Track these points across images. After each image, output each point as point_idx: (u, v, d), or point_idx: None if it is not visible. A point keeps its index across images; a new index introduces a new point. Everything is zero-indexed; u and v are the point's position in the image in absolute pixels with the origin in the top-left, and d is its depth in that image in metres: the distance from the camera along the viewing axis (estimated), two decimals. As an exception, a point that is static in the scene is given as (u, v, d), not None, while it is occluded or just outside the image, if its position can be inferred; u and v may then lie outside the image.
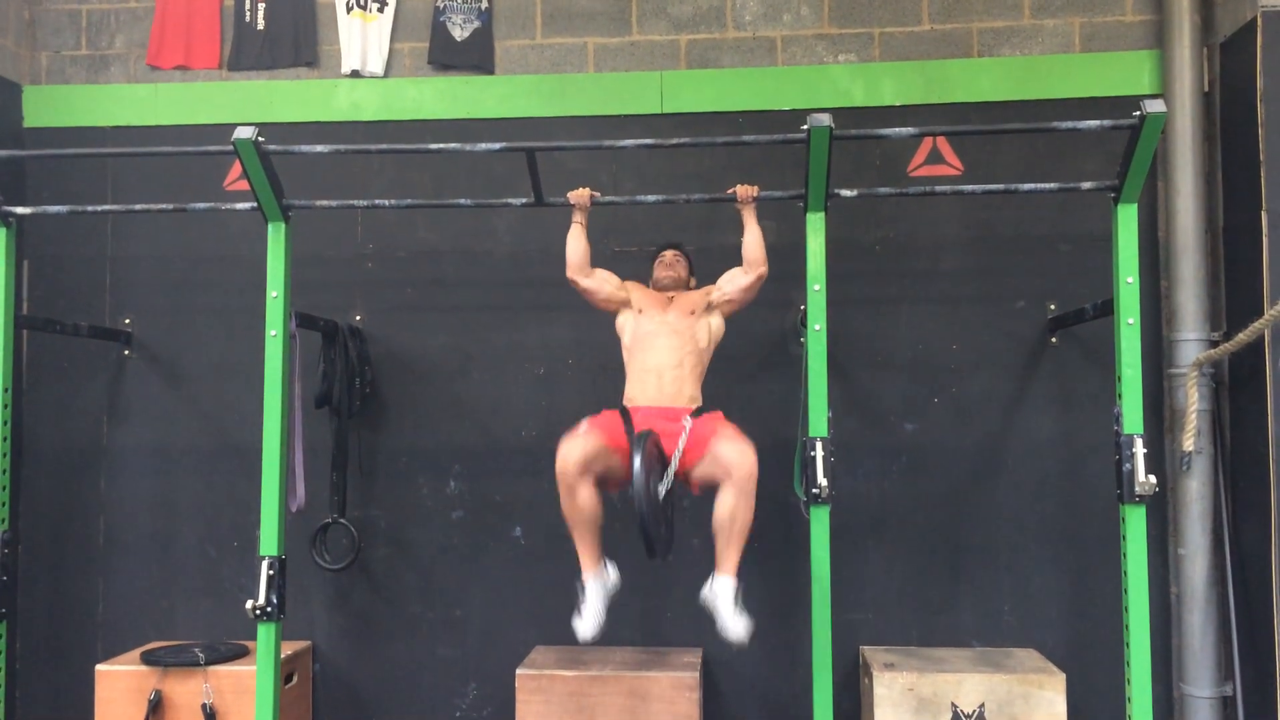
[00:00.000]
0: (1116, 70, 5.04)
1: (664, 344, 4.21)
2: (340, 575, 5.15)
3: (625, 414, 4.07)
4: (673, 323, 4.26)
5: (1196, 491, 4.75)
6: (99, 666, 4.79)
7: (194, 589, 5.26)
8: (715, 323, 4.36)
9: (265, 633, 4.13)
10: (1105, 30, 5.10)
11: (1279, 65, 4.51)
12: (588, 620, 3.78)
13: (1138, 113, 3.70)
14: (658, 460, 3.80)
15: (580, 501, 3.77)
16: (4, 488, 4.44)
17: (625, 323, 4.37)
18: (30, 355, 5.36)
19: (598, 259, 4.43)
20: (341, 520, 5.04)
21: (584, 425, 3.89)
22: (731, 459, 3.76)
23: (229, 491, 5.20)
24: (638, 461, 3.60)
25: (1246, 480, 4.67)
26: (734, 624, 3.70)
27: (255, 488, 4.22)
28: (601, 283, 4.38)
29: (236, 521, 5.19)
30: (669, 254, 4.51)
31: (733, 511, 3.77)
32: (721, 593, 3.75)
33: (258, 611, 4.07)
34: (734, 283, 4.33)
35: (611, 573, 3.92)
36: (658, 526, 3.71)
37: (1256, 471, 4.54)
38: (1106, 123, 3.89)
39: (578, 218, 4.29)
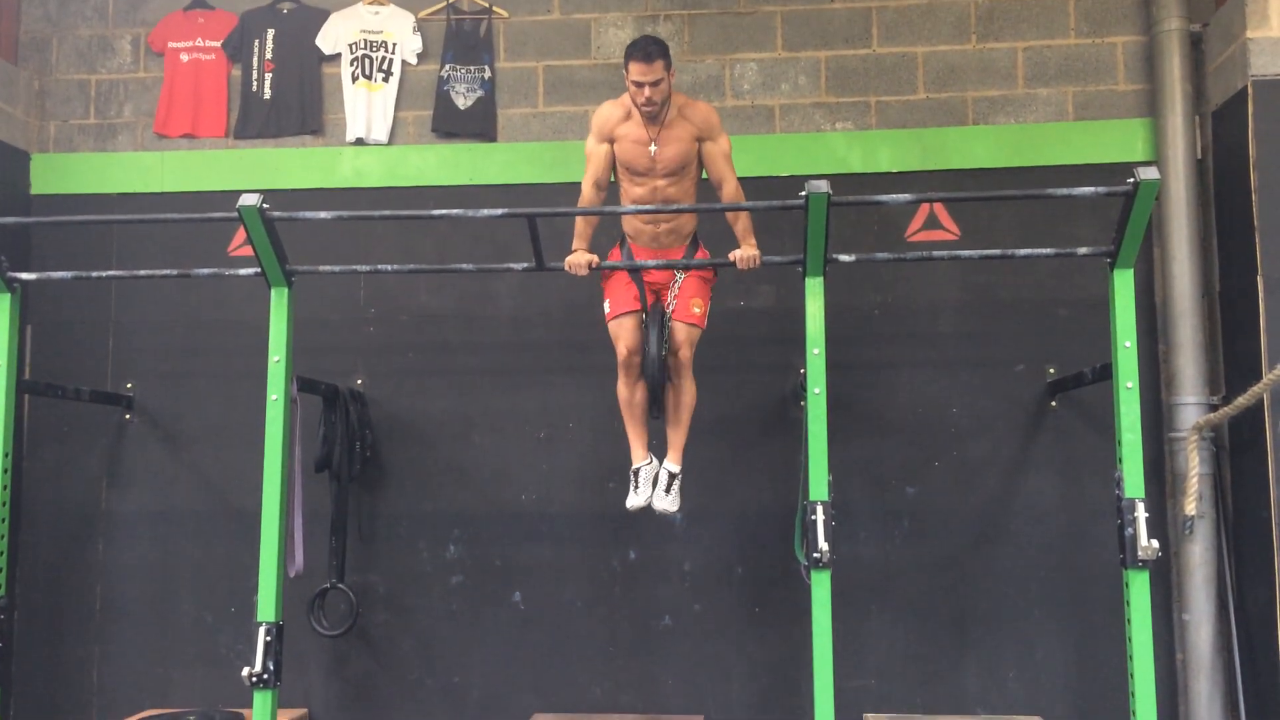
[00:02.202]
0: (1110, 138, 5.11)
1: (660, 200, 4.26)
2: (338, 641, 5.10)
3: (629, 255, 4.35)
4: (663, 165, 4.21)
5: (1200, 556, 4.73)
6: (93, 735, 4.73)
7: (190, 655, 5.21)
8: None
9: (261, 701, 4.07)
10: (1098, 99, 5.18)
11: (1271, 132, 4.58)
12: (640, 496, 4.35)
13: (1132, 179, 3.74)
14: (658, 326, 4.28)
15: (638, 389, 4.34)
16: (1, 553, 4.41)
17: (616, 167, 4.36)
18: (31, 419, 5.36)
19: (598, 311, 4.44)
20: (340, 585, 5.00)
21: (608, 305, 4.35)
22: (679, 335, 4.28)
23: (227, 556, 5.17)
24: (654, 344, 4.23)
25: (1250, 544, 4.64)
26: (662, 502, 4.34)
27: (254, 552, 4.19)
28: (594, 179, 4.31)
29: (234, 587, 5.15)
30: (637, 69, 4.09)
31: (674, 399, 4.38)
32: (663, 476, 4.36)
33: (254, 679, 4.02)
34: (715, 165, 4.29)
35: (654, 461, 4.42)
36: (660, 385, 4.33)
37: (1259, 535, 4.52)
38: (1101, 189, 3.93)
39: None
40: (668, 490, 4.33)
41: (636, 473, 4.36)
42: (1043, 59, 5.22)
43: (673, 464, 4.36)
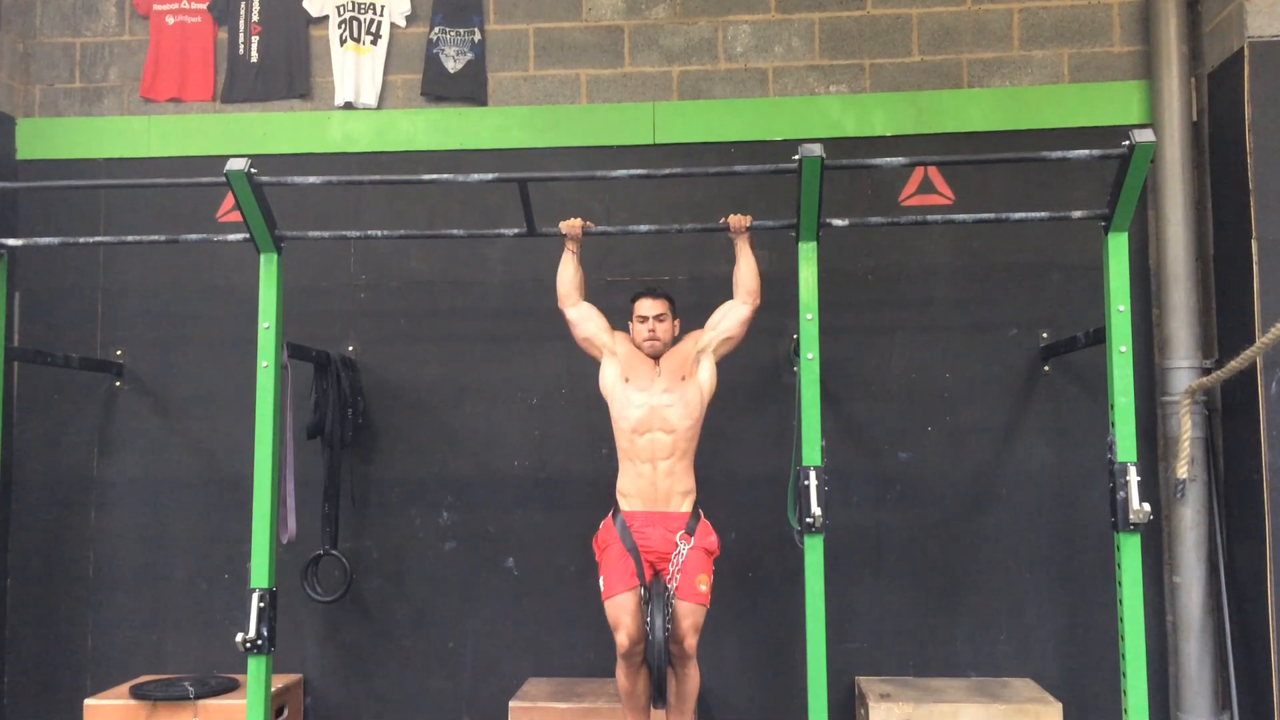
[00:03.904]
0: (1105, 100, 5.08)
1: (658, 428, 4.11)
2: (332, 607, 5.11)
3: (624, 528, 4.09)
4: (663, 401, 4.11)
5: (1191, 519, 4.75)
6: (88, 701, 4.75)
7: (184, 622, 5.22)
8: (707, 377, 4.21)
9: (256, 666, 4.08)
10: (1094, 61, 5.15)
11: (1267, 94, 4.55)
12: None
13: (1127, 142, 3.72)
14: (663, 608, 3.97)
15: (640, 677, 4.04)
16: (-7, 521, 4.41)
17: (613, 388, 4.21)
18: (20, 387, 5.33)
19: (591, 287, 4.43)
20: (333, 552, 5.01)
21: (602, 582, 4.05)
22: (684, 621, 3.98)
23: (220, 523, 5.17)
24: (658, 625, 3.92)
25: (1240, 507, 4.66)
26: None
27: (246, 519, 4.19)
28: (585, 318, 4.26)
29: (227, 553, 5.16)
30: (649, 308, 4.20)
31: (680, 686, 4.10)
32: None
33: (248, 644, 4.03)
34: (733, 315, 4.21)
35: None
36: (665, 671, 4.00)
37: (1250, 498, 4.54)
38: (1096, 152, 3.92)
39: (570, 247, 4.28)
40: None
41: None
42: (1038, 20, 5.18)
43: None
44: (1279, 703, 4.38)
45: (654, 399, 4.13)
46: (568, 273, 4.27)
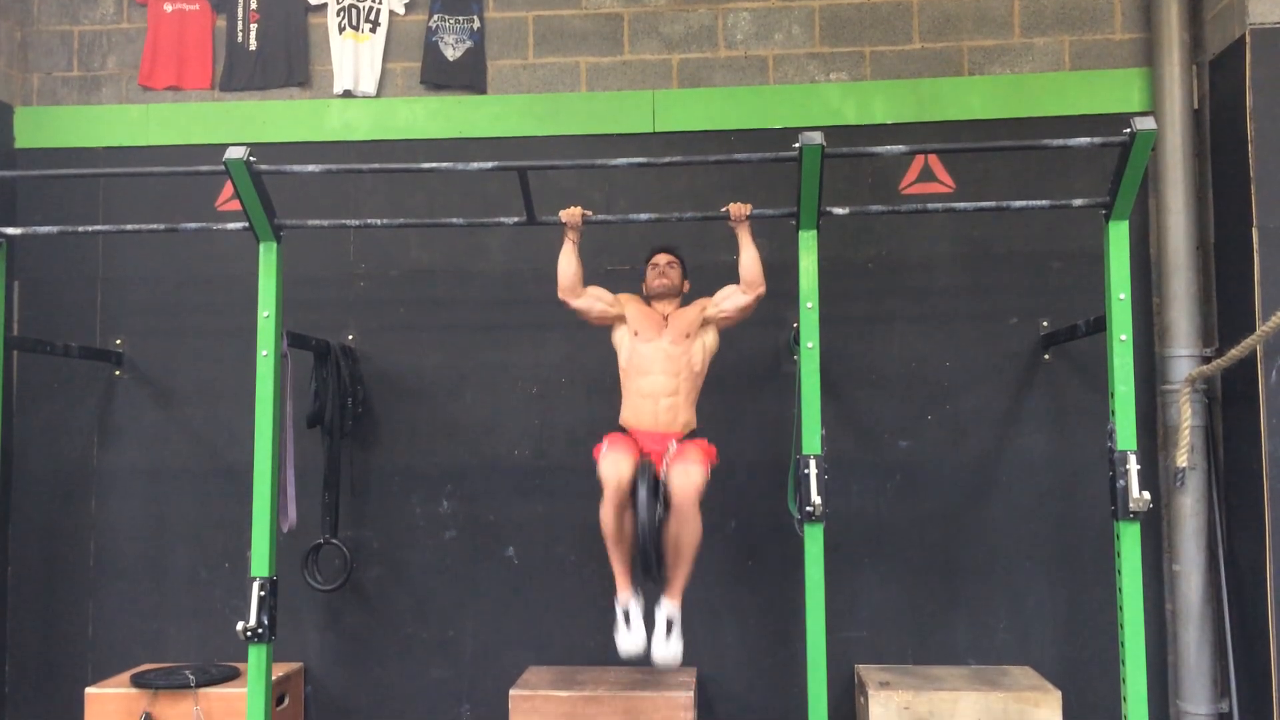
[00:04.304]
0: (1106, 88, 5.07)
1: (660, 371, 4.27)
2: (332, 596, 5.12)
3: (627, 434, 4.24)
4: (668, 350, 4.29)
5: (1191, 508, 4.75)
6: (89, 689, 4.75)
7: (185, 610, 5.23)
8: (710, 340, 4.40)
9: (256, 654, 4.09)
10: (1095, 48, 5.13)
11: (1268, 82, 4.54)
12: (635, 638, 4.00)
13: (1128, 130, 3.72)
14: (654, 489, 4.00)
15: (624, 519, 4.01)
16: (-7, 510, 4.41)
17: (621, 341, 4.40)
18: (20, 376, 5.33)
19: (590, 277, 4.43)
20: (333, 541, 5.01)
21: (607, 444, 4.11)
22: (676, 482, 3.97)
23: (220, 512, 5.18)
24: (643, 492, 3.94)
25: (1240, 496, 4.66)
26: (661, 650, 3.99)
27: (246, 508, 4.19)
28: (593, 301, 4.38)
29: (227, 542, 5.17)
30: (662, 259, 4.48)
31: (675, 537, 4.02)
32: (660, 618, 4.04)
33: (249, 633, 4.04)
34: (732, 301, 4.35)
35: (640, 598, 4.11)
36: (657, 549, 4.01)
37: (1250, 487, 4.54)
38: (1097, 140, 3.90)
39: (570, 236, 4.28)
40: (668, 635, 4.01)
41: (625, 613, 4.04)
42: (1039, 7, 5.17)
43: (671, 605, 4.04)
44: (1278, 691, 4.38)
45: (660, 349, 4.29)
46: (570, 266, 4.28)
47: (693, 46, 5.28)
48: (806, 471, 3.97)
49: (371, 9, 5.37)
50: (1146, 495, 3.78)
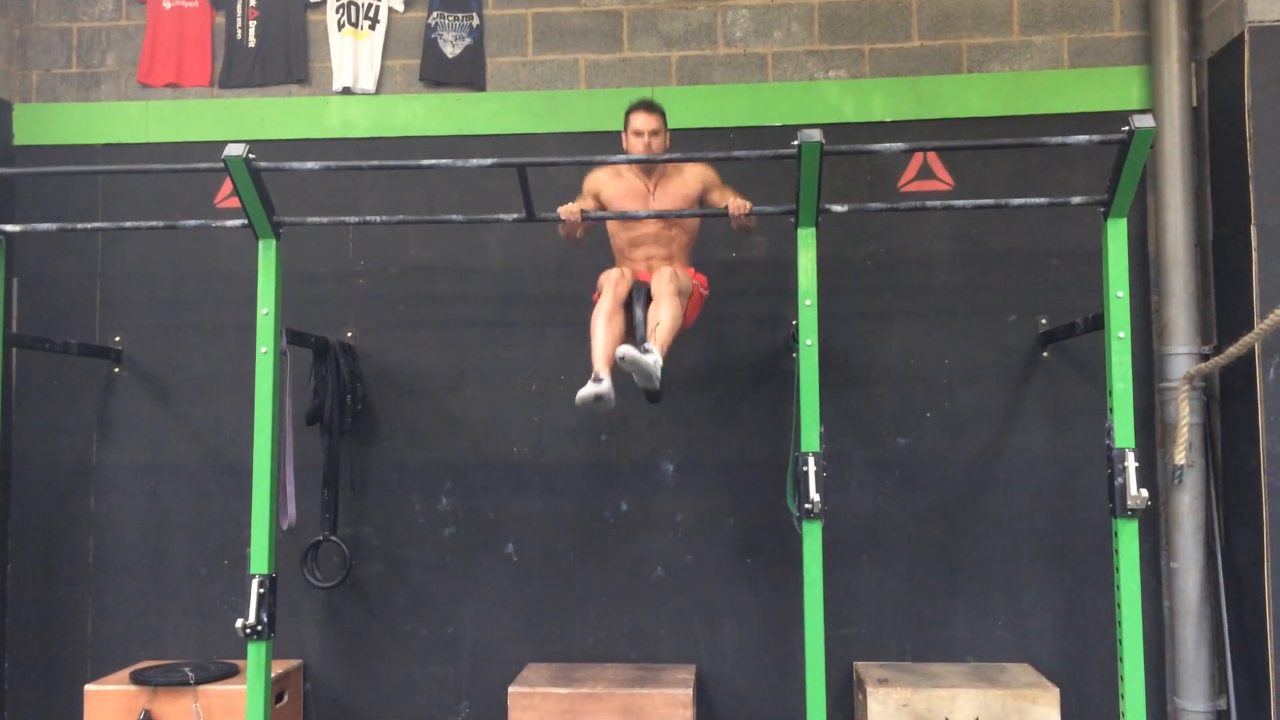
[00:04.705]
0: (1105, 86, 5.07)
1: (651, 243, 4.35)
2: (331, 593, 5.12)
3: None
4: (657, 227, 4.34)
5: (1189, 505, 4.75)
6: (88, 686, 4.76)
7: (184, 608, 5.23)
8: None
9: (255, 651, 4.09)
10: (1094, 46, 5.13)
11: (1267, 80, 4.54)
12: (600, 387, 3.99)
13: (1126, 128, 3.71)
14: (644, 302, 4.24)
15: (615, 320, 4.17)
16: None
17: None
18: (19, 373, 5.33)
19: (590, 271, 4.43)
20: (333, 538, 5.01)
21: (603, 277, 4.32)
22: (663, 280, 4.16)
23: (219, 509, 5.18)
24: (639, 312, 4.19)
25: (1238, 494, 4.67)
26: (635, 353, 3.97)
27: (246, 505, 4.20)
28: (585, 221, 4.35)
29: (227, 539, 5.17)
30: (640, 119, 4.28)
31: (657, 315, 4.14)
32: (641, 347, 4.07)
33: (248, 630, 4.04)
34: (714, 202, 4.37)
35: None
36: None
37: (1248, 485, 4.55)
38: (1095, 138, 3.90)
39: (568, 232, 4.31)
40: (646, 353, 4.02)
41: (597, 376, 4.04)
42: (1038, 5, 5.17)
43: (652, 345, 4.07)
44: (1275, 687, 4.39)
45: (647, 226, 4.34)
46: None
47: (692, 44, 5.28)
48: (805, 469, 3.97)
49: (371, 6, 5.37)
50: (1144, 493, 3.78)
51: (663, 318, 4.12)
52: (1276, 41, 4.53)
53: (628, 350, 3.92)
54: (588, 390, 3.98)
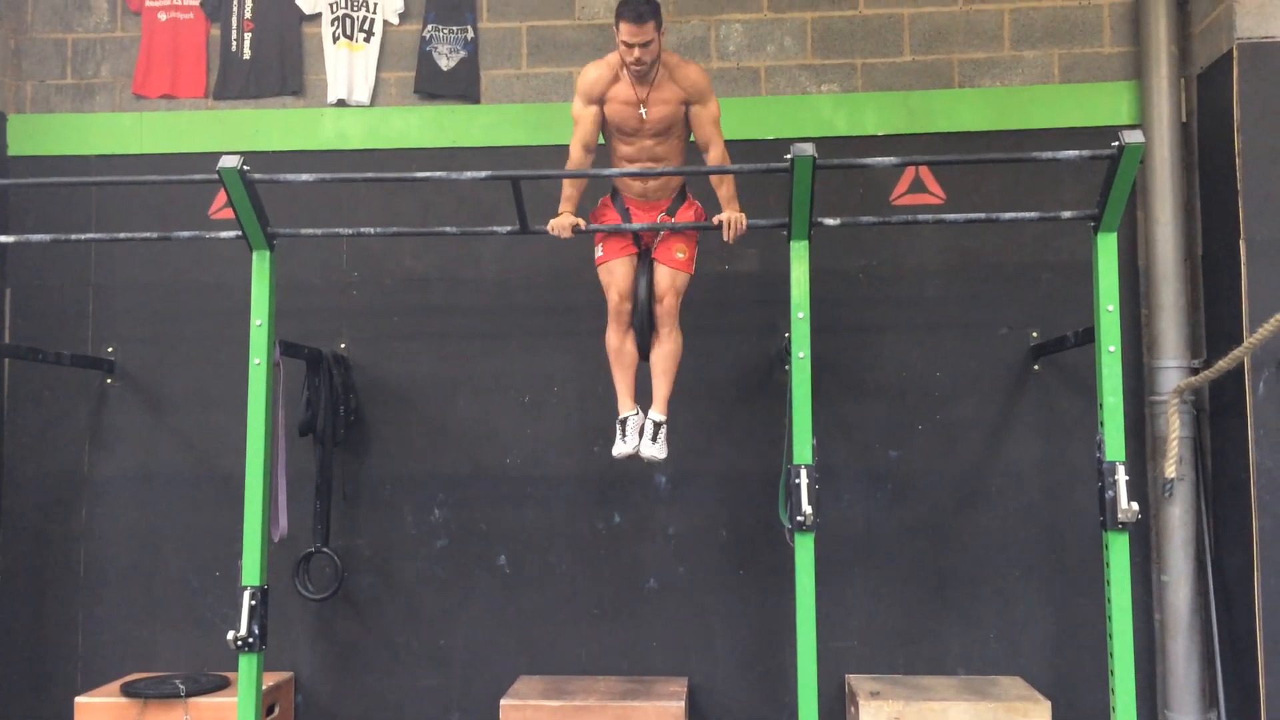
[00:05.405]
0: (1095, 101, 5.10)
1: (646, 158, 4.30)
2: (323, 605, 5.11)
3: (624, 209, 4.36)
4: (651, 143, 4.27)
5: (1179, 518, 4.77)
6: (78, 698, 4.74)
7: (175, 619, 5.21)
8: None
9: (247, 664, 4.09)
10: (1084, 61, 5.17)
11: (1256, 96, 4.57)
12: (629, 444, 4.34)
13: (1116, 143, 3.74)
14: (648, 274, 4.34)
15: (627, 341, 4.35)
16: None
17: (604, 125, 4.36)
18: (11, 383, 5.33)
19: (583, 286, 4.43)
20: (325, 549, 5.00)
21: (600, 250, 4.37)
22: (662, 281, 4.31)
23: (211, 520, 5.16)
24: (643, 287, 4.30)
25: (1228, 507, 4.69)
26: (649, 449, 4.32)
27: (238, 517, 4.19)
28: (591, 142, 4.32)
29: (218, 551, 5.15)
30: (629, 30, 4.05)
31: (661, 350, 4.36)
32: (648, 424, 4.35)
33: (239, 642, 4.04)
34: (701, 139, 4.32)
35: (640, 412, 4.40)
36: (647, 333, 4.37)
37: (1238, 498, 4.56)
38: (1086, 153, 3.93)
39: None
40: (654, 439, 4.33)
41: (623, 422, 4.35)
42: (1029, 21, 5.20)
43: (658, 414, 4.34)
44: (1265, 700, 4.40)
45: (642, 141, 4.28)
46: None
47: (685, 57, 5.28)
48: (798, 481, 3.98)
49: (366, 19, 5.39)
50: (1135, 506, 3.80)
51: (666, 364, 4.36)
52: (1265, 57, 4.57)
53: (634, 450, 4.32)
54: (620, 448, 4.35)
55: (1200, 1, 4.90)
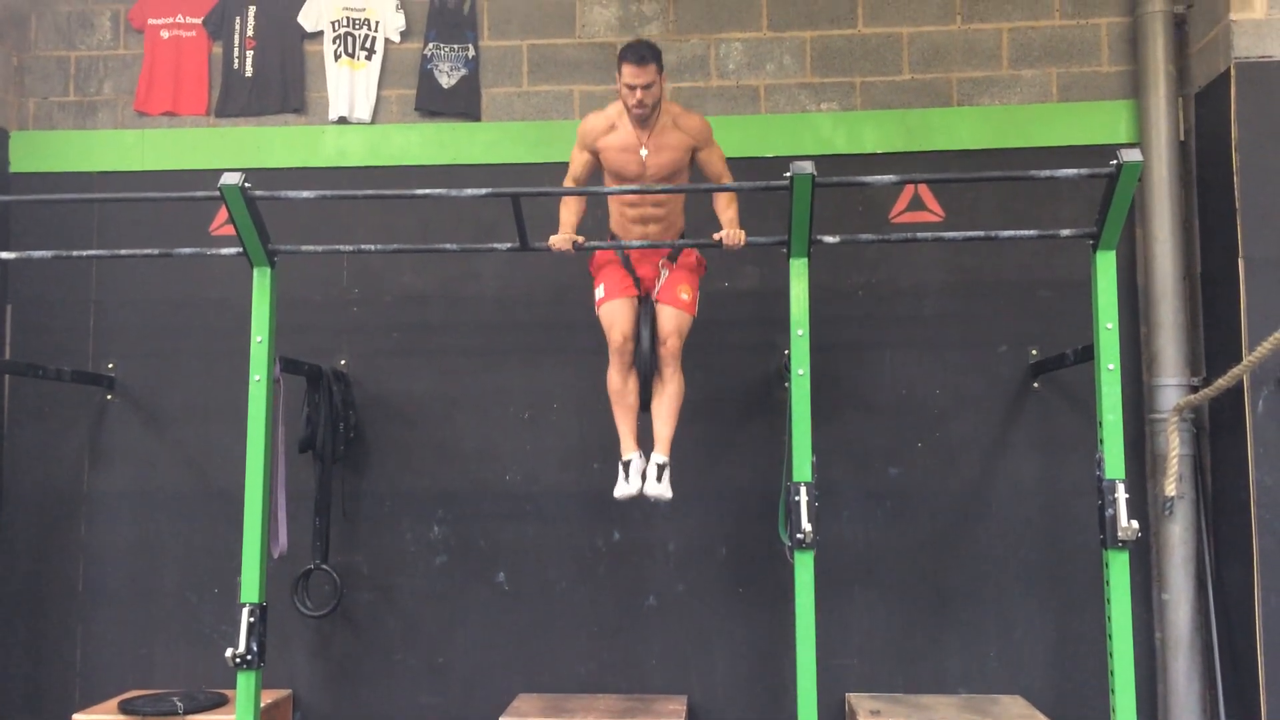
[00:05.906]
0: (1094, 119, 5.12)
1: (648, 204, 4.31)
2: (322, 622, 5.10)
3: (624, 254, 4.40)
4: (654, 170, 4.29)
5: (1179, 536, 4.77)
6: (76, 715, 4.73)
7: (173, 636, 5.20)
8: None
9: (245, 681, 4.07)
10: (1082, 80, 5.19)
11: (1253, 114, 4.59)
12: (631, 486, 4.30)
13: (1115, 161, 3.75)
14: (650, 317, 4.35)
15: (630, 381, 4.35)
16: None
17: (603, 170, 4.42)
18: (11, 399, 5.33)
19: (583, 305, 4.43)
20: (324, 566, 5.00)
21: (600, 290, 4.39)
22: (666, 324, 4.31)
23: (210, 537, 5.16)
24: (645, 335, 4.32)
25: (1228, 525, 4.68)
26: (654, 488, 4.28)
27: (237, 533, 4.18)
28: (582, 180, 4.38)
29: (217, 567, 5.14)
30: (637, 80, 4.13)
31: (664, 392, 4.35)
32: (652, 465, 4.32)
33: (238, 659, 4.02)
34: (711, 174, 4.38)
35: (643, 456, 4.38)
36: (650, 376, 4.38)
37: (1238, 516, 4.56)
38: (1084, 171, 3.94)
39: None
40: (659, 479, 4.30)
41: (626, 465, 4.33)
42: (1027, 40, 5.23)
43: (661, 456, 4.33)
44: (1266, 719, 4.39)
45: (644, 208, 4.32)
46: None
47: (685, 76, 5.33)
48: (797, 499, 3.97)
49: (367, 37, 5.41)
50: (1135, 524, 3.79)
51: (669, 407, 4.36)
52: (1262, 77, 4.59)
53: (638, 492, 4.29)
54: (625, 490, 4.31)
55: (1198, 21, 4.93)
